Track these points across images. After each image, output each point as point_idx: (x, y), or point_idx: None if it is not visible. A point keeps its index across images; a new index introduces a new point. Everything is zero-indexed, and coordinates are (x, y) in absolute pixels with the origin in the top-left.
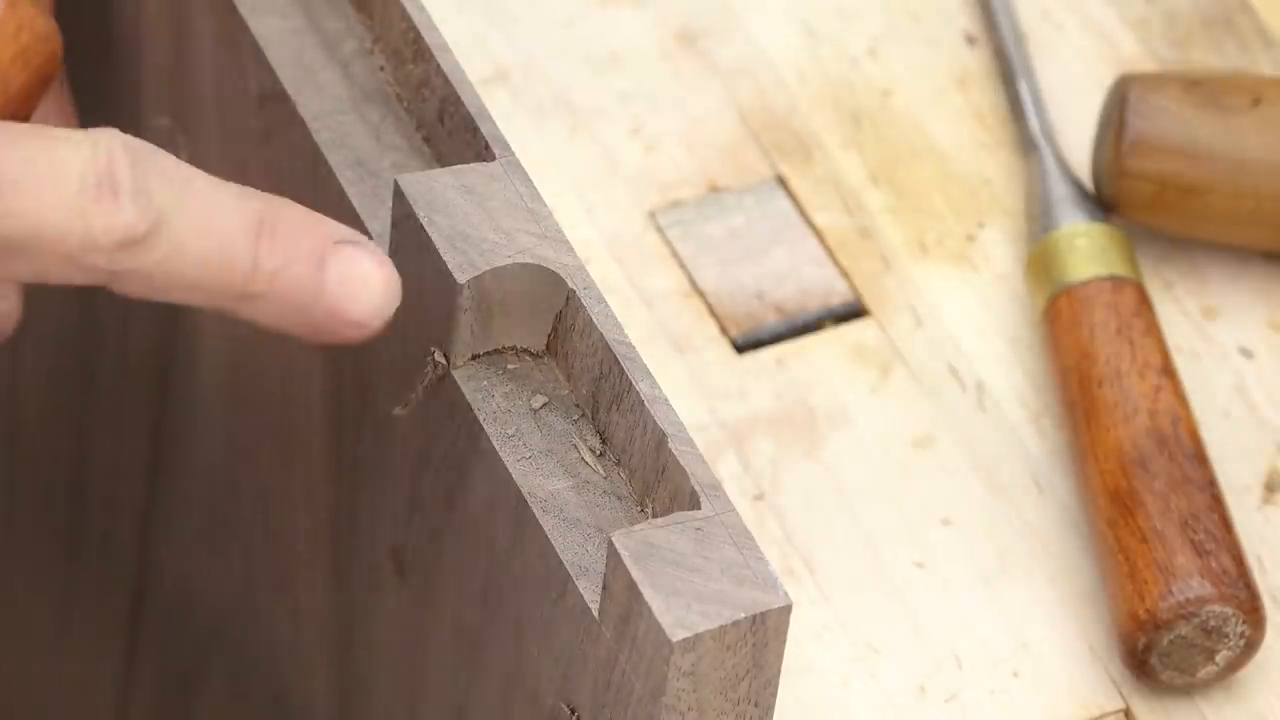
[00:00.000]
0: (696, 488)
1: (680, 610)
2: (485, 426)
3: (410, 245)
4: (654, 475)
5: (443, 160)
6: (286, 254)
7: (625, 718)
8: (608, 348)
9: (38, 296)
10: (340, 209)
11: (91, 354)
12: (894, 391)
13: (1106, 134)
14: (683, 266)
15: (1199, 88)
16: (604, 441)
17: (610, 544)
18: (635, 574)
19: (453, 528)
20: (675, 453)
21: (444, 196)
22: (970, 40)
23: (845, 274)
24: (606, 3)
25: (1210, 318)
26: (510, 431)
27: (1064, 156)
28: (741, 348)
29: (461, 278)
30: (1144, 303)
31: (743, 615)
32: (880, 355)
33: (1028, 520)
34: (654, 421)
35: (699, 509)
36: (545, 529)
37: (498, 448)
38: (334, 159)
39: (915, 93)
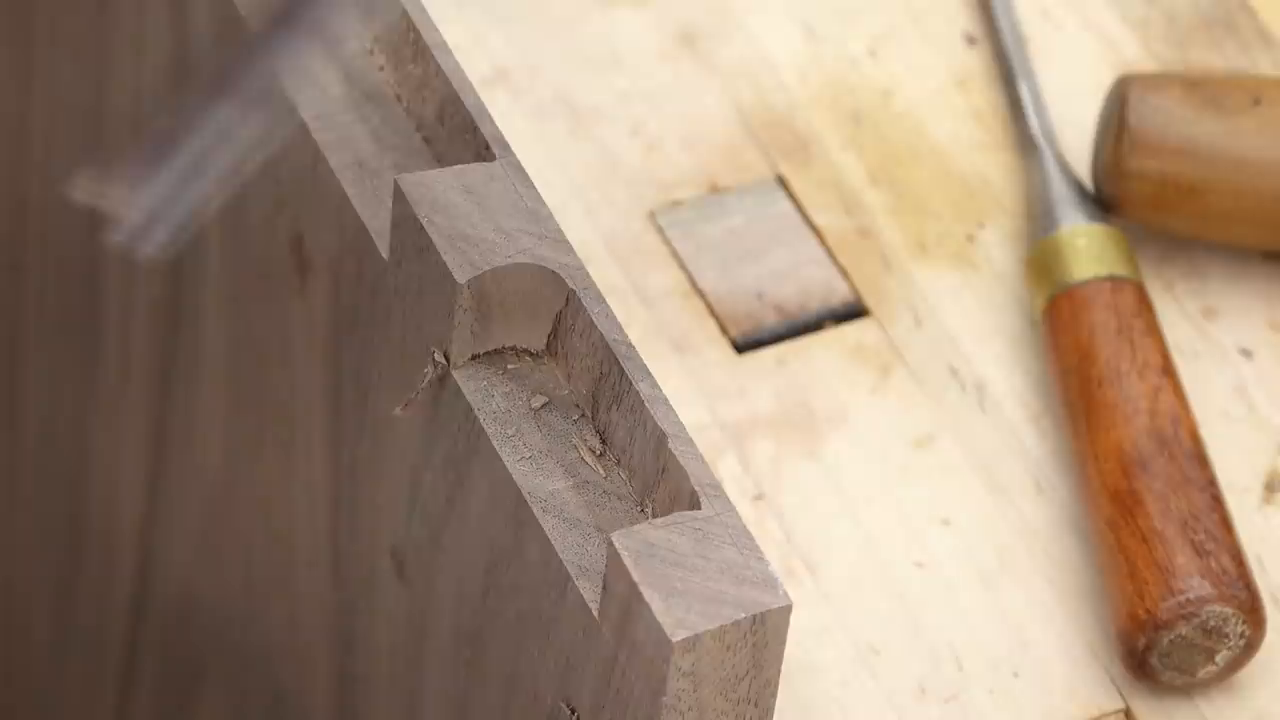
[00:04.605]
0: (696, 488)
1: (680, 610)
2: (485, 426)
3: (410, 245)
4: (654, 475)
5: (443, 160)
6: None
7: (625, 718)
8: (608, 348)
9: (37, 295)
10: (340, 209)
11: (91, 354)
12: (894, 391)
13: (1106, 134)
14: (683, 266)
15: (1199, 88)
16: (604, 441)
17: (610, 544)
18: (635, 574)
19: (453, 528)
20: (675, 453)
21: (444, 196)
22: (970, 40)
23: (845, 274)
24: (607, 3)
25: (1210, 318)
26: (510, 431)
27: (1064, 156)
28: (741, 348)
29: (461, 278)
30: (1144, 303)
31: (743, 615)
32: (880, 355)
33: (1027, 520)
34: (654, 421)
35: (699, 509)
36: (545, 529)
37: (498, 448)
38: (334, 159)
39: (915, 93)
